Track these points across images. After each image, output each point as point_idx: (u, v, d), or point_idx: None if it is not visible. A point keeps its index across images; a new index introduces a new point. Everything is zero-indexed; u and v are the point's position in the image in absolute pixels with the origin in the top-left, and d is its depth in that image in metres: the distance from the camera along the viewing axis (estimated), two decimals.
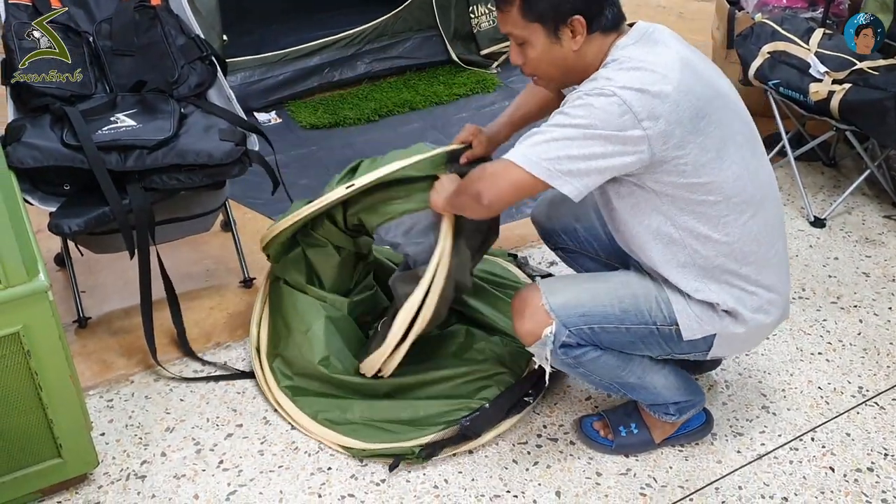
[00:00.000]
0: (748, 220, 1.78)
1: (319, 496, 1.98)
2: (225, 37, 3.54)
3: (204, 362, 2.37)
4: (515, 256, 2.73)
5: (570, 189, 1.68)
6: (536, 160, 1.68)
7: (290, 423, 2.16)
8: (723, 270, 1.81)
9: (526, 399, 2.16)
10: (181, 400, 2.25)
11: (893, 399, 2.27)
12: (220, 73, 2.57)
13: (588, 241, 2.17)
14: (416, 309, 2.01)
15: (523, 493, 1.99)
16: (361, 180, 2.07)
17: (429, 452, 2.04)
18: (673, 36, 1.78)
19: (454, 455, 2.08)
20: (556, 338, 1.83)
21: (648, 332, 1.86)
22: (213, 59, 2.57)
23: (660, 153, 1.66)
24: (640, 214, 1.80)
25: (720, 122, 1.71)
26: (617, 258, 2.07)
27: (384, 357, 2.08)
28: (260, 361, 2.29)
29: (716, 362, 2.33)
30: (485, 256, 2.65)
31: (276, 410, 2.20)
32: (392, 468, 2.03)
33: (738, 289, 1.83)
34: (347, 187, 2.08)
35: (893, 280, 2.75)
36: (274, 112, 3.83)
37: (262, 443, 2.12)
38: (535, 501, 1.97)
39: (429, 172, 2.07)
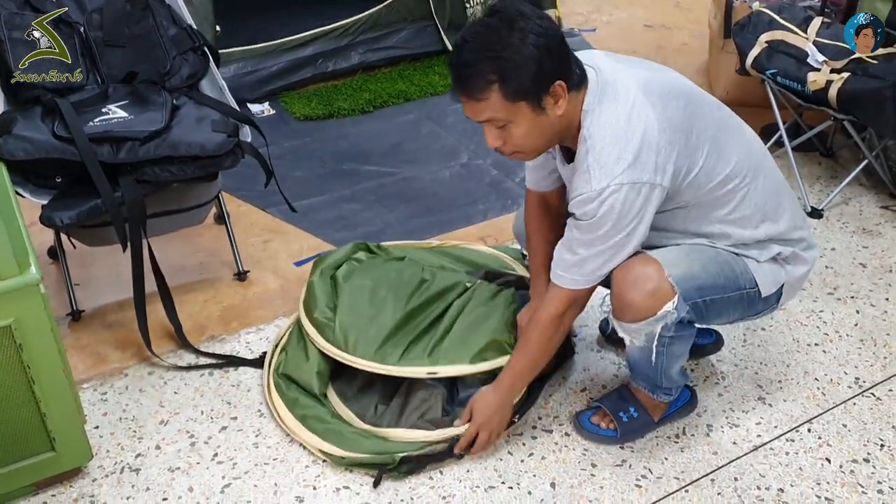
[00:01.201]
0: (762, 183, 1.88)
1: (314, 488, 1.97)
2: (218, 27, 3.51)
3: (200, 353, 2.36)
4: (525, 255, 2.69)
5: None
6: (582, 279, 1.84)
7: (276, 419, 2.13)
8: (766, 235, 1.89)
9: (513, 420, 2.09)
10: (175, 393, 2.24)
11: (890, 390, 2.27)
12: (212, 64, 2.55)
13: None
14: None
15: (518, 484, 1.99)
16: (447, 370, 2.07)
17: (410, 468, 1.98)
18: (617, 63, 1.81)
19: None
20: (678, 313, 1.81)
21: (739, 297, 1.90)
22: (206, 49, 2.55)
23: (677, 186, 1.77)
24: (675, 226, 1.88)
25: (703, 124, 1.80)
26: None
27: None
28: (275, 351, 2.30)
29: (718, 345, 2.34)
30: (494, 252, 2.66)
31: (266, 404, 2.19)
32: (375, 484, 1.97)
33: (784, 241, 1.92)
34: (430, 374, 2.07)
35: (890, 271, 2.74)
36: (267, 103, 3.81)
37: (256, 435, 2.11)
38: (530, 493, 1.96)
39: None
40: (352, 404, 2.12)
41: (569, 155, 1.85)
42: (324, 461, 2.03)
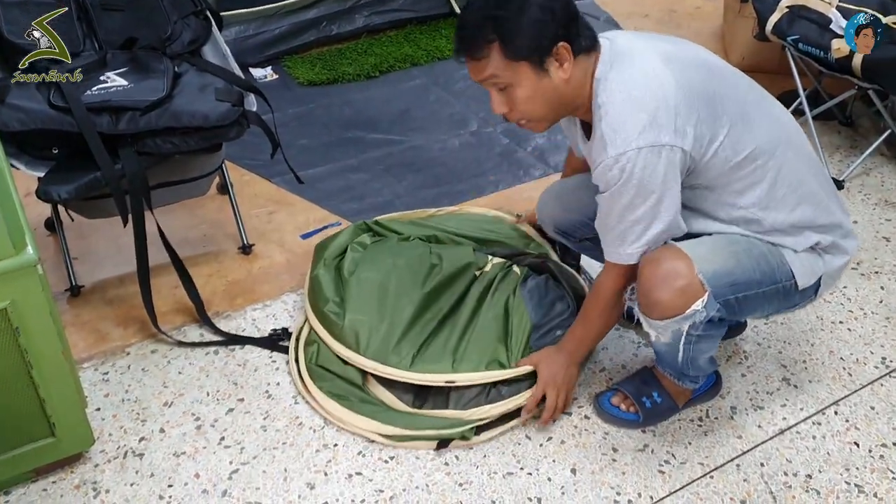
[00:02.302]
0: (795, 164, 1.78)
1: (325, 474, 1.90)
2: None
3: (221, 333, 2.27)
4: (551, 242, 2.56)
5: (675, 237, 1.75)
6: (632, 252, 1.74)
7: (317, 409, 2.04)
8: (801, 219, 1.79)
9: None
10: (179, 373, 2.16)
11: None
12: (214, 29, 2.44)
13: None
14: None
15: (537, 470, 1.92)
16: (465, 377, 2.00)
17: (480, 429, 1.96)
18: (636, 36, 1.75)
19: None
20: (707, 312, 1.72)
21: (774, 291, 1.81)
22: (208, 13, 2.43)
23: (699, 155, 1.67)
24: (704, 209, 1.79)
25: (728, 94, 1.71)
26: None
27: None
28: (297, 344, 2.20)
29: (742, 327, 2.26)
30: (496, 213, 2.60)
31: (302, 395, 2.09)
32: (440, 447, 1.93)
33: (821, 228, 1.82)
34: (447, 382, 1.99)
35: None
36: (270, 68, 3.70)
37: (264, 418, 2.04)
38: (549, 479, 1.90)
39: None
40: (393, 390, 2.04)
41: (588, 131, 1.77)
42: (336, 445, 1.96)
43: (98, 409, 2.05)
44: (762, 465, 1.93)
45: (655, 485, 1.88)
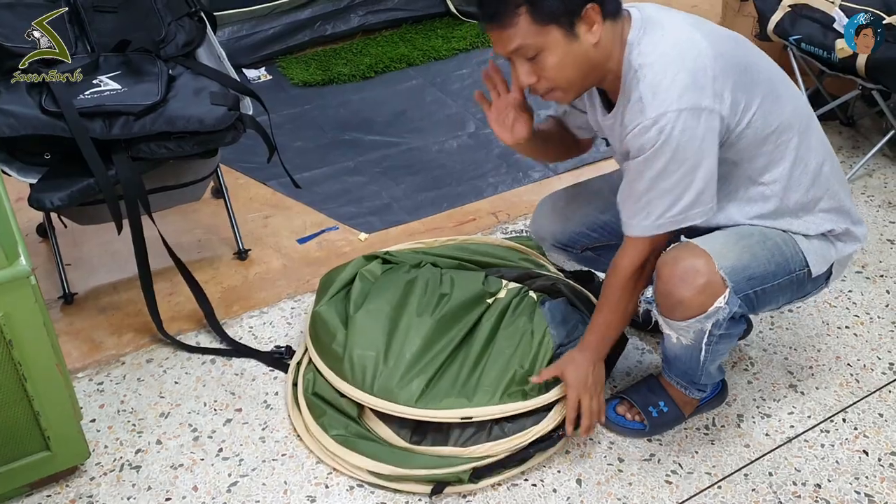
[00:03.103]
0: (814, 142, 1.77)
1: (326, 486, 1.86)
2: None
3: (233, 342, 2.22)
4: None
5: (704, 213, 1.67)
6: (661, 224, 1.66)
7: (311, 442, 1.94)
8: (812, 199, 1.77)
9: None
10: (176, 382, 2.12)
11: None
12: (209, 30, 2.39)
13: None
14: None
15: (542, 481, 1.88)
16: (483, 411, 1.85)
17: (481, 474, 1.85)
18: (662, 7, 1.71)
19: None
20: (730, 308, 1.69)
21: (789, 282, 1.78)
22: (203, 14, 2.38)
23: (734, 124, 1.63)
24: (726, 186, 1.73)
25: (758, 66, 1.70)
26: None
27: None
28: (298, 367, 2.11)
29: (748, 331, 2.22)
30: (512, 244, 2.46)
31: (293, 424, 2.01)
32: (434, 494, 1.82)
33: (835, 212, 1.81)
34: (464, 419, 1.85)
35: None
36: (264, 68, 3.65)
37: (263, 429, 2.00)
38: (555, 490, 1.86)
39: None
40: (391, 424, 1.91)
41: (608, 105, 1.73)
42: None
43: (93, 421, 2.01)
44: (770, 474, 1.90)
45: (662, 495, 1.85)
